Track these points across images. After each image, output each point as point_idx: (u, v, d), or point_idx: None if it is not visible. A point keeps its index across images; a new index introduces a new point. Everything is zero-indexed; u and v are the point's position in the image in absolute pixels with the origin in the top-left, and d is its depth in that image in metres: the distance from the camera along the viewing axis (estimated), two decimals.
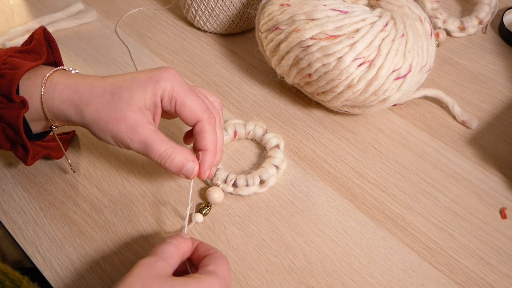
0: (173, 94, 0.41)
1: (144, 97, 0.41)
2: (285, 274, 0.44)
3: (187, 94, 0.42)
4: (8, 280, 0.38)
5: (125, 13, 0.69)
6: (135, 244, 0.46)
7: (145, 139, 0.41)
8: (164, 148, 0.41)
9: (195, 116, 0.42)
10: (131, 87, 0.41)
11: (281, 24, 0.51)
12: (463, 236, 0.46)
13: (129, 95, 0.41)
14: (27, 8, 0.70)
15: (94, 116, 0.41)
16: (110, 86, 0.42)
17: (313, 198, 0.49)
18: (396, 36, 0.48)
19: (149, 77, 0.42)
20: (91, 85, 0.42)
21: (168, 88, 0.41)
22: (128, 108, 0.41)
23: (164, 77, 0.41)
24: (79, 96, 0.42)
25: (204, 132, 0.42)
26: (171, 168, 0.42)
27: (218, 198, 0.47)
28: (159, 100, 0.42)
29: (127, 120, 0.40)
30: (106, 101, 0.41)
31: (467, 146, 0.54)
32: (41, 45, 0.45)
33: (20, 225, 0.47)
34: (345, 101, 0.52)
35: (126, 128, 0.41)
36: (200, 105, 0.42)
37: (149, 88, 0.41)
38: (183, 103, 0.41)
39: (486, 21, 0.66)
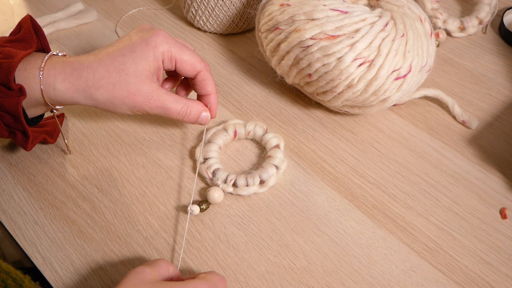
0: (172, 55, 0.46)
1: (148, 65, 0.45)
2: (285, 274, 0.44)
3: (183, 51, 0.46)
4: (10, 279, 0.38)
5: (125, 13, 0.69)
6: (135, 244, 0.46)
7: (162, 104, 0.46)
8: (180, 107, 0.47)
9: (195, 68, 0.47)
10: (133, 59, 0.44)
11: (281, 24, 0.51)
12: (463, 236, 0.46)
13: (135, 67, 0.44)
14: (27, 8, 0.70)
15: (108, 97, 0.44)
16: (111, 64, 0.44)
17: (313, 198, 0.49)
18: (396, 36, 0.48)
19: (145, 44, 0.45)
20: (92, 68, 0.44)
21: (166, 50, 0.45)
22: (138, 80, 0.44)
23: (160, 41, 0.45)
24: (84, 82, 0.44)
25: (206, 79, 0.48)
26: (189, 121, 0.48)
27: (218, 198, 0.47)
28: (161, 63, 0.46)
29: (141, 92, 0.45)
30: (115, 80, 0.44)
31: (467, 146, 0.54)
32: (30, 34, 0.46)
33: (20, 225, 0.47)
34: (345, 101, 0.52)
35: (143, 99, 0.45)
36: (196, 57, 0.47)
37: (150, 56, 0.45)
38: (182, 60, 0.46)
39: (486, 21, 0.66)
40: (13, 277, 0.39)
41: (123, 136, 0.54)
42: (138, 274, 0.36)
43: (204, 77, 0.48)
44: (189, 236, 0.46)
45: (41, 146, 0.52)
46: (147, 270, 0.37)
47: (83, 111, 0.56)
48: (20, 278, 0.39)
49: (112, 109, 0.46)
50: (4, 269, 0.39)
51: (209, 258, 0.45)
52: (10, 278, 0.38)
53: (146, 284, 0.35)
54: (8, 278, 0.38)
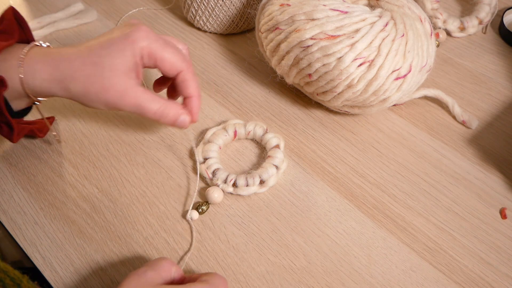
0: (151, 51, 0.43)
1: (125, 60, 0.42)
2: (285, 274, 0.44)
3: (164, 49, 0.43)
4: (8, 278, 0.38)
5: (125, 13, 0.69)
6: (135, 244, 0.46)
7: (136, 102, 0.43)
8: (156, 107, 0.44)
9: (176, 68, 0.44)
10: (110, 53, 0.42)
11: (281, 24, 0.51)
12: (463, 236, 0.46)
13: (110, 61, 0.42)
14: (27, 8, 0.70)
15: (82, 89, 0.42)
16: (88, 56, 0.42)
17: (313, 198, 0.49)
18: (396, 36, 0.48)
19: (124, 38, 0.43)
20: (69, 59, 0.43)
21: (145, 47, 0.43)
22: (113, 75, 0.42)
23: (139, 37, 0.43)
24: (60, 73, 0.42)
25: (188, 81, 0.45)
26: (166, 123, 0.45)
27: (218, 198, 0.47)
28: (139, 59, 0.43)
29: (115, 87, 0.42)
30: (91, 72, 0.42)
31: (467, 146, 0.54)
32: (12, 25, 0.45)
33: (20, 225, 0.47)
34: (345, 101, 0.52)
35: (117, 94, 0.42)
36: (178, 56, 0.44)
37: (128, 50, 0.42)
38: (163, 58, 0.43)
39: (486, 21, 0.66)
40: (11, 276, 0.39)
41: (123, 136, 0.54)
42: (139, 276, 0.36)
43: (186, 78, 0.45)
44: (188, 236, 0.46)
45: (41, 146, 0.53)
46: (149, 273, 0.36)
47: (83, 111, 0.56)
48: (18, 278, 0.39)
49: (88, 103, 0.43)
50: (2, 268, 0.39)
51: (209, 258, 0.45)
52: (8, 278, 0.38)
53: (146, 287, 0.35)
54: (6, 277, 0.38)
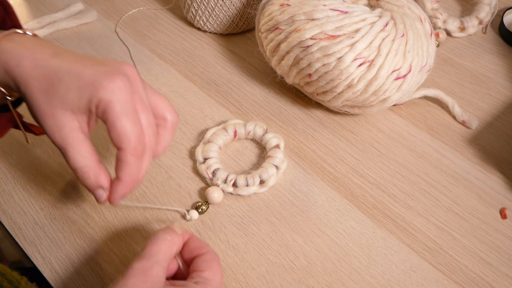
0: (107, 109, 0.37)
1: (79, 100, 0.37)
2: (285, 274, 0.44)
3: (121, 115, 0.37)
4: (6, 281, 0.38)
5: (125, 13, 0.69)
6: (135, 244, 0.46)
7: (65, 146, 0.38)
8: (80, 164, 0.38)
9: (119, 143, 0.37)
10: (70, 84, 0.37)
11: (281, 24, 0.51)
12: (463, 236, 0.46)
13: (65, 92, 0.37)
14: (27, 8, 0.70)
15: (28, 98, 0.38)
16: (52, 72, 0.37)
17: (313, 198, 0.49)
18: (396, 36, 0.48)
19: (92, 80, 0.37)
20: (35, 62, 0.38)
21: (105, 101, 0.36)
22: (60, 106, 0.37)
23: (105, 88, 0.37)
24: (19, 72, 0.38)
25: (122, 162, 0.38)
26: (84, 186, 0.39)
27: (218, 198, 0.47)
28: (94, 108, 0.37)
29: (55, 118, 0.37)
30: (42, 88, 0.37)
31: (467, 146, 0.54)
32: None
33: (20, 225, 0.47)
34: (345, 101, 0.52)
35: (52, 126, 0.38)
36: (130, 132, 0.37)
37: (86, 93, 0.37)
38: (113, 124, 0.37)
39: (486, 21, 0.66)
40: (9, 279, 0.38)
41: None
42: (146, 275, 0.34)
43: (122, 159, 0.38)
44: None
45: (41, 146, 0.52)
46: (155, 270, 0.35)
47: None
48: (16, 280, 0.38)
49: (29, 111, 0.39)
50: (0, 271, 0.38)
51: None
52: (6, 280, 0.38)
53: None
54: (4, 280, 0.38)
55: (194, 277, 0.37)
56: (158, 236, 0.38)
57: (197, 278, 0.37)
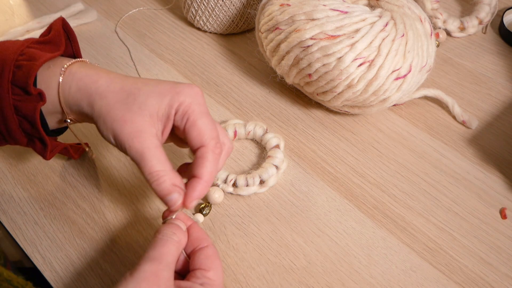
0: (188, 111, 0.39)
1: (159, 105, 0.39)
2: (285, 274, 0.44)
3: (201, 115, 0.39)
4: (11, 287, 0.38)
5: (125, 13, 0.69)
6: (135, 244, 0.46)
7: (142, 151, 0.38)
8: (157, 168, 0.38)
9: (201, 139, 0.39)
10: (149, 92, 0.39)
11: (281, 24, 0.51)
12: (463, 236, 0.46)
13: (144, 99, 0.39)
14: (27, 8, 0.70)
15: (104, 110, 0.39)
16: (129, 85, 0.40)
17: (313, 198, 0.49)
18: (396, 36, 0.48)
19: (171, 87, 0.40)
20: (112, 79, 0.40)
21: (186, 103, 0.39)
22: (139, 112, 0.39)
23: (186, 92, 0.39)
24: (96, 87, 0.40)
25: (205, 159, 0.39)
26: (157, 192, 0.39)
27: (218, 198, 0.47)
28: (173, 113, 0.39)
29: (133, 123, 0.38)
30: (120, 98, 0.39)
31: (467, 146, 0.54)
32: (59, 36, 0.43)
33: (20, 225, 0.47)
34: (345, 101, 0.52)
35: (130, 132, 0.38)
36: (211, 130, 0.39)
37: (167, 98, 0.39)
38: (195, 123, 0.39)
39: (486, 21, 0.66)
40: (15, 285, 0.38)
41: None
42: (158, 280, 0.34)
43: (204, 155, 0.39)
44: None
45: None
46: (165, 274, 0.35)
47: None
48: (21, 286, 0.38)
49: (102, 128, 0.40)
50: (6, 277, 0.38)
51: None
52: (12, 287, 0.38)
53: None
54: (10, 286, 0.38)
55: (199, 277, 0.36)
56: (167, 236, 0.37)
57: (202, 279, 0.36)
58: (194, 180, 0.39)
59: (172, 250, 0.37)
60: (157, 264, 0.35)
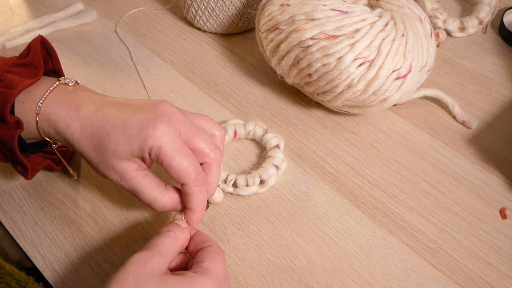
0: (160, 154, 0.39)
1: (131, 150, 0.40)
2: (285, 274, 0.44)
3: (174, 156, 0.39)
4: (14, 281, 0.38)
5: (125, 13, 0.69)
6: (135, 244, 0.46)
7: (134, 187, 0.41)
8: (153, 196, 0.41)
9: (180, 179, 0.40)
10: (117, 138, 0.40)
11: (281, 24, 0.51)
12: (463, 236, 0.46)
13: (115, 147, 0.40)
14: (27, 8, 0.70)
15: (85, 156, 0.42)
16: (98, 130, 0.40)
17: (313, 198, 0.49)
18: (396, 36, 0.48)
19: (138, 129, 0.39)
20: (82, 122, 0.41)
21: (155, 147, 0.39)
22: (114, 158, 0.40)
23: (153, 136, 0.39)
24: (71, 134, 0.41)
25: (191, 195, 0.41)
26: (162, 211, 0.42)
27: (218, 198, 0.47)
28: (147, 154, 0.40)
29: (115, 169, 0.41)
30: (95, 146, 0.41)
31: (467, 146, 0.54)
32: (37, 58, 0.43)
33: (20, 225, 0.47)
34: (345, 101, 0.52)
35: (116, 175, 0.41)
36: (187, 167, 0.40)
37: (136, 144, 0.39)
38: (169, 165, 0.40)
39: (486, 21, 0.66)
40: (17, 279, 0.39)
41: None
42: (145, 263, 0.35)
43: (189, 192, 0.41)
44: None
45: None
46: (155, 260, 0.35)
47: None
48: (24, 280, 0.39)
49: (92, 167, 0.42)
50: (8, 271, 0.39)
51: None
52: (14, 281, 0.38)
53: (152, 277, 0.34)
54: (12, 280, 0.38)
55: (194, 268, 0.37)
56: (162, 231, 0.39)
57: (196, 269, 0.37)
58: (188, 212, 0.42)
59: (166, 242, 0.38)
60: (146, 252, 0.36)
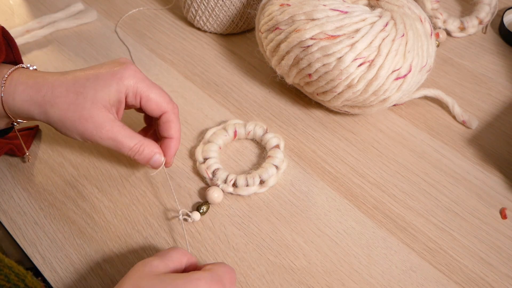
0: (137, 91, 0.43)
1: (108, 95, 0.43)
2: (285, 274, 0.44)
3: (150, 89, 0.44)
4: (13, 274, 0.38)
5: (125, 13, 0.69)
6: (135, 244, 0.46)
7: (114, 136, 0.43)
8: (133, 143, 0.44)
9: (161, 108, 0.45)
10: (95, 85, 0.42)
11: (281, 24, 0.51)
12: (463, 236, 0.46)
13: (93, 94, 0.42)
14: (27, 8, 0.70)
15: (60, 116, 0.42)
16: (73, 85, 0.43)
17: (313, 198, 0.49)
18: (396, 36, 0.48)
19: (111, 74, 0.43)
20: (53, 85, 0.43)
21: (131, 85, 0.43)
22: (93, 107, 0.42)
23: (127, 75, 0.43)
24: (42, 96, 0.42)
25: (171, 122, 0.45)
26: (140, 160, 0.45)
27: (218, 198, 0.47)
28: (124, 97, 0.43)
29: (94, 119, 0.42)
30: (71, 100, 0.42)
31: (467, 146, 0.54)
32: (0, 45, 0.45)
33: (20, 225, 0.47)
34: (345, 101, 0.52)
35: (94, 126, 0.42)
36: (164, 97, 0.45)
37: (113, 86, 0.43)
38: (148, 98, 0.44)
39: (486, 21, 0.66)
40: (16, 272, 0.39)
41: None
42: (145, 266, 0.36)
43: (169, 119, 0.45)
44: (189, 236, 0.46)
45: (40, 147, 0.53)
46: (155, 262, 0.36)
47: None
48: (22, 273, 0.39)
49: (64, 130, 0.43)
50: (7, 264, 0.39)
51: (209, 258, 0.45)
52: (13, 273, 0.39)
53: (150, 276, 0.35)
54: (11, 273, 0.39)
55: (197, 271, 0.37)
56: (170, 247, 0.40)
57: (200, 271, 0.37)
58: (167, 140, 0.46)
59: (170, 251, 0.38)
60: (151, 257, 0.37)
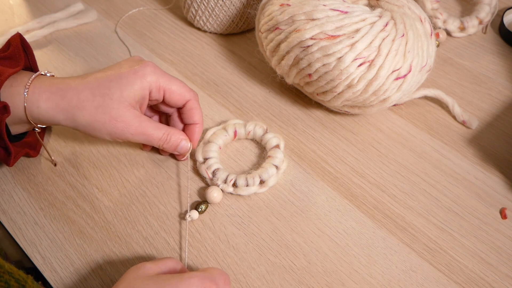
0: (160, 86, 0.46)
1: (133, 93, 0.45)
2: (285, 274, 0.44)
3: (171, 82, 0.47)
4: (13, 279, 0.38)
5: (125, 13, 0.69)
6: (135, 244, 0.46)
7: (143, 130, 0.46)
8: (161, 134, 0.47)
9: (184, 98, 0.48)
10: (119, 86, 0.44)
11: (281, 24, 0.51)
12: (463, 236, 0.46)
13: (119, 94, 0.44)
14: (27, 8, 0.70)
15: (89, 119, 0.44)
16: (97, 88, 0.44)
17: (313, 198, 0.49)
18: (396, 36, 0.48)
19: (133, 73, 0.45)
20: (77, 89, 0.44)
21: (154, 81, 0.45)
22: (120, 106, 0.44)
23: (148, 72, 0.45)
24: (67, 102, 0.44)
25: (194, 109, 0.48)
26: (167, 148, 0.48)
27: (217, 198, 0.47)
28: (147, 93, 0.46)
29: (122, 118, 0.45)
30: (99, 103, 0.44)
31: (467, 146, 0.54)
32: (19, 52, 0.46)
33: (20, 225, 0.47)
34: (345, 101, 0.52)
35: (124, 125, 0.45)
36: (185, 87, 0.48)
37: (137, 84, 0.45)
38: (171, 91, 0.47)
39: (486, 21, 0.66)
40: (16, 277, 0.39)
41: None
42: (138, 269, 0.37)
43: (193, 106, 0.48)
44: (189, 236, 0.46)
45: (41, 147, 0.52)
46: (148, 265, 0.37)
47: None
48: (23, 279, 0.39)
49: (92, 133, 0.45)
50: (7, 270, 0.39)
51: (209, 258, 0.45)
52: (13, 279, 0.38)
53: (143, 277, 0.36)
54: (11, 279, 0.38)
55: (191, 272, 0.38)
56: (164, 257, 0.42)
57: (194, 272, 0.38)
58: (192, 126, 0.49)
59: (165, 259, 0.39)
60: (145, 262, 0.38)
